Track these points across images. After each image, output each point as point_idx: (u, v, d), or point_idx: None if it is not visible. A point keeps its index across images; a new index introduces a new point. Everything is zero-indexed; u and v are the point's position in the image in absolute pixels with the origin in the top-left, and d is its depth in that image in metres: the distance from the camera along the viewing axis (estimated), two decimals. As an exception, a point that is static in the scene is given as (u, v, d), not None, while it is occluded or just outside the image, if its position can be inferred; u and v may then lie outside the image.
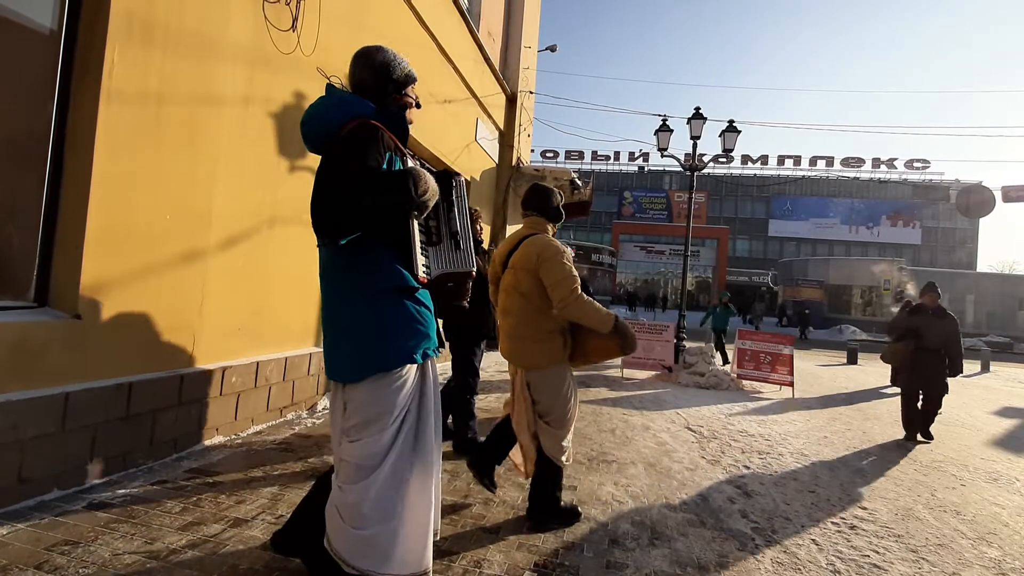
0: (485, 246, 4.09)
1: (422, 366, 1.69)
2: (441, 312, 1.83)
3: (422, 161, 1.80)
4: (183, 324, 3.00)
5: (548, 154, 47.47)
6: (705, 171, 11.67)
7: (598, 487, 3.21)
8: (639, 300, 35.15)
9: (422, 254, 1.60)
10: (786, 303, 30.72)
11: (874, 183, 48.49)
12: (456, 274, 1.67)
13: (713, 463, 3.97)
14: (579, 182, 10.53)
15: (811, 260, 34.22)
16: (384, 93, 1.69)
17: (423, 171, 1.54)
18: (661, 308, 35.01)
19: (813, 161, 47.68)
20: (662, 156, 9.97)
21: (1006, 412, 7.79)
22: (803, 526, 2.96)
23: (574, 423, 2.66)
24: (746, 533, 2.77)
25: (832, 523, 3.05)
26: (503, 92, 9.35)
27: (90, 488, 2.46)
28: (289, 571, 1.94)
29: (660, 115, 10.23)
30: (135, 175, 2.61)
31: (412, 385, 1.64)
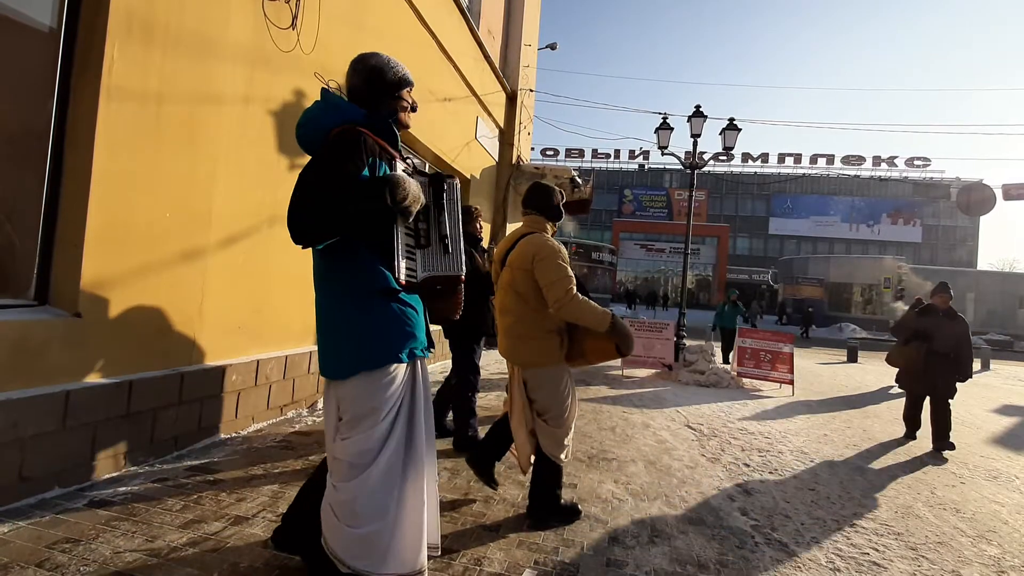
0: (485, 244, 4.08)
1: (411, 366, 1.71)
2: (432, 316, 1.84)
3: (416, 164, 1.79)
4: (183, 322, 3.00)
5: (548, 152, 47.38)
6: (705, 169, 11.69)
7: (598, 485, 3.21)
8: (639, 298, 35.13)
9: (407, 257, 1.61)
10: (786, 301, 30.72)
11: (874, 181, 48.42)
12: (444, 277, 1.67)
13: (713, 461, 3.98)
14: (579, 180, 10.54)
15: (811, 258, 34.20)
16: (376, 98, 1.72)
17: (403, 178, 1.55)
18: (663, 306, 35.01)
19: (813, 159, 47.59)
20: (662, 154, 9.98)
21: (1006, 410, 7.80)
22: (803, 524, 2.96)
23: (574, 422, 2.66)
24: (746, 531, 2.77)
25: (832, 520, 3.05)
26: (503, 90, 9.35)
27: (91, 486, 2.46)
28: (290, 569, 1.94)
29: (660, 113, 10.24)
30: (135, 173, 2.61)
31: (400, 384, 1.66)
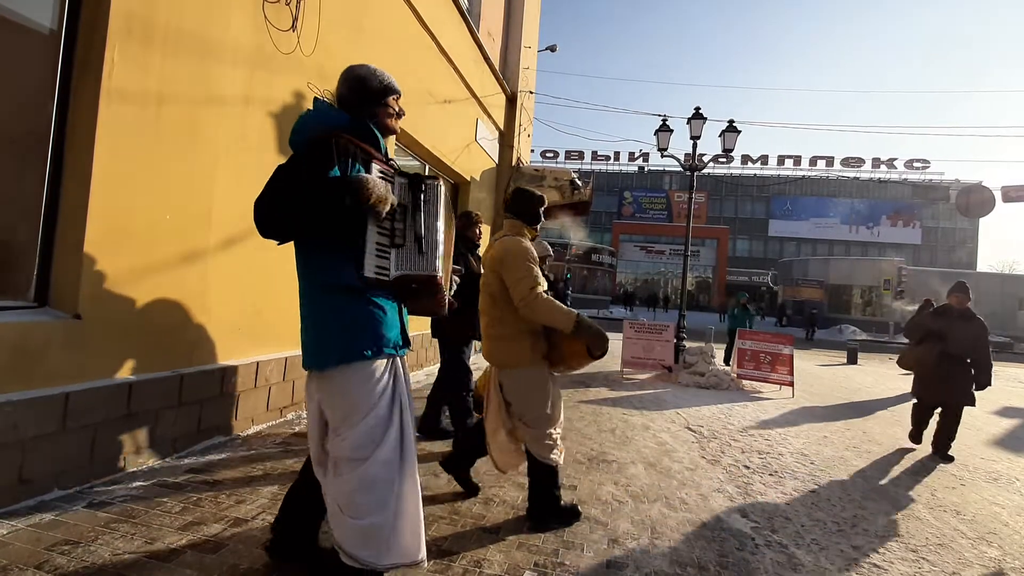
0: (483, 248, 4.07)
1: (392, 364, 1.76)
2: (414, 312, 1.89)
3: (397, 166, 1.83)
4: (183, 324, 3.00)
5: (548, 154, 47.37)
6: (705, 171, 11.67)
7: (598, 487, 3.21)
8: (637, 299, 35.06)
9: (379, 255, 1.65)
10: (786, 303, 30.71)
11: (874, 183, 48.41)
12: (418, 276, 1.70)
13: (713, 463, 3.97)
14: (579, 182, 10.53)
15: (811, 260, 34.13)
16: (362, 105, 1.79)
17: (367, 179, 1.59)
18: (663, 308, 34.96)
19: (813, 161, 47.57)
20: (662, 156, 9.97)
21: (1006, 412, 7.81)
22: (803, 525, 2.96)
23: (561, 421, 2.65)
24: (746, 533, 2.77)
25: (832, 522, 3.05)
26: (503, 92, 9.36)
27: (90, 488, 2.46)
28: (289, 570, 1.94)
29: (660, 115, 10.23)
30: (135, 175, 2.62)
31: (381, 379, 1.71)
